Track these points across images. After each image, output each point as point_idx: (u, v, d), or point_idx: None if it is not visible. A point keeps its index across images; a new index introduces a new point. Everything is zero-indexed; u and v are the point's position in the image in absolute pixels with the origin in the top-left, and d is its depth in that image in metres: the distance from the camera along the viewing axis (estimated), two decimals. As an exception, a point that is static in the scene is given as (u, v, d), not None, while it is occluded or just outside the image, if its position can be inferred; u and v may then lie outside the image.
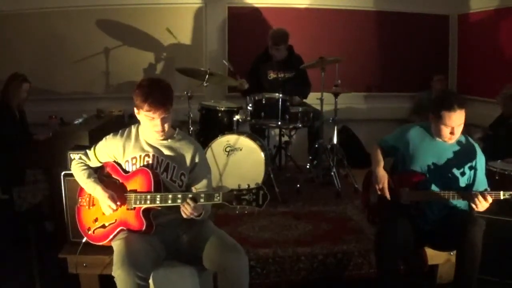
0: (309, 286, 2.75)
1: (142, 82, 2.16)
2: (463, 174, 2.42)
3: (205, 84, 3.85)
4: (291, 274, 2.73)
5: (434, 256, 2.59)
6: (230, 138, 3.61)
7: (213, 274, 2.24)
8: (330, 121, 4.04)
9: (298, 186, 3.92)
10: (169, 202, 2.04)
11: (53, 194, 3.16)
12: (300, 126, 3.84)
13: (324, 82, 3.92)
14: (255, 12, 4.90)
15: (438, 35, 5.24)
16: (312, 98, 4.25)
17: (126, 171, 2.21)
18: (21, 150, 3.47)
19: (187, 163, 2.21)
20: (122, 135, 2.25)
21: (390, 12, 5.09)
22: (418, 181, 2.46)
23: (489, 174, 2.64)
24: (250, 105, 3.72)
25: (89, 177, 2.20)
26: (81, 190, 2.28)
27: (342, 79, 4.05)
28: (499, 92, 3.81)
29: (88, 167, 2.26)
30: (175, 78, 4.20)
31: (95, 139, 2.35)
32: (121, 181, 2.19)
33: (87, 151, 2.30)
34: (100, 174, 2.25)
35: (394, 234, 2.32)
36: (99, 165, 2.28)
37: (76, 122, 3.64)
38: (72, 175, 2.29)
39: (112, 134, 2.27)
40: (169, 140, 2.22)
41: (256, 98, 3.71)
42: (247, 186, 1.95)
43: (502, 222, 2.62)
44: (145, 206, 2.09)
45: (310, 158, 4.15)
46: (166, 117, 2.13)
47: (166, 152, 2.20)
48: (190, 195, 2.01)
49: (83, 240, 2.27)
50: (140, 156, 2.19)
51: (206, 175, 2.27)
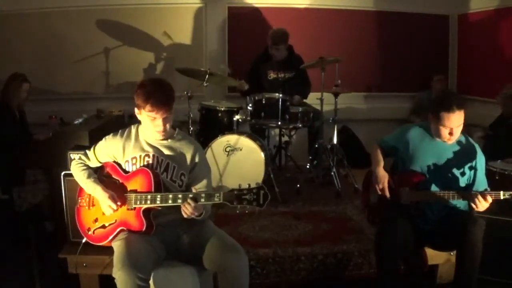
0: (309, 286, 2.75)
1: (144, 82, 2.16)
2: (463, 174, 2.42)
3: (205, 84, 3.85)
4: (291, 274, 2.73)
5: (434, 256, 2.59)
6: (230, 138, 3.61)
7: (213, 274, 2.24)
8: (330, 121, 4.04)
9: (298, 186, 3.92)
10: (169, 202, 2.04)
11: (53, 194, 3.16)
12: (300, 126, 3.84)
13: (324, 82, 3.92)
14: (255, 12, 4.90)
15: (438, 35, 5.24)
16: (312, 98, 4.25)
17: (126, 171, 2.20)
18: (21, 150, 3.47)
19: (187, 163, 2.21)
20: (122, 135, 2.24)
21: (390, 12, 5.09)
22: (418, 181, 2.46)
23: (489, 174, 2.64)
24: (250, 105, 3.72)
25: (89, 177, 2.20)
26: (80, 190, 2.28)
27: (342, 79, 4.05)
28: (499, 92, 3.81)
29: (87, 167, 2.26)
30: (175, 78, 4.20)
31: (95, 139, 2.34)
32: (121, 181, 2.19)
33: (87, 152, 2.29)
34: (100, 174, 2.25)
35: (394, 234, 2.32)
36: (99, 165, 2.28)
37: (76, 122, 3.64)
38: (72, 175, 2.28)
39: (112, 134, 2.27)
40: (169, 140, 2.22)
41: (256, 98, 3.71)
42: (248, 186, 1.95)
43: (502, 222, 2.62)
44: (145, 206, 2.08)
45: (310, 158, 4.15)
46: (167, 117, 2.13)
47: (166, 152, 2.20)
48: (191, 195, 2.01)
49: (83, 240, 2.26)
50: (140, 156, 2.19)
51: (206, 175, 2.27)
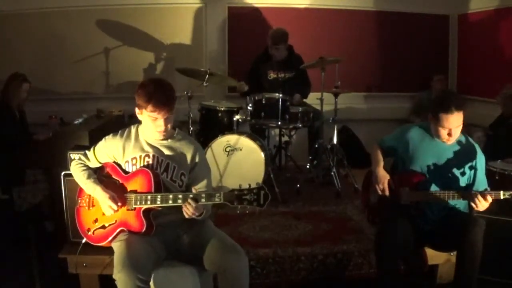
0: (309, 286, 2.75)
1: (145, 82, 2.15)
2: (463, 174, 2.42)
3: (205, 84, 3.84)
4: (291, 274, 2.73)
5: (434, 256, 2.59)
6: (230, 138, 3.61)
7: (213, 275, 2.24)
8: (330, 121, 4.04)
9: (298, 186, 3.92)
10: (169, 202, 2.04)
11: (53, 194, 3.16)
12: (300, 126, 3.84)
13: (324, 82, 3.91)
14: (255, 12, 4.89)
15: (438, 35, 5.24)
16: (312, 98, 4.25)
17: (126, 172, 2.20)
18: (21, 150, 3.47)
19: (187, 163, 2.21)
20: (121, 136, 2.24)
21: (390, 12, 5.09)
22: (418, 181, 2.46)
23: (489, 174, 2.64)
24: (250, 105, 3.72)
25: (88, 177, 2.20)
26: (80, 191, 2.28)
27: (342, 79, 4.05)
28: (499, 92, 3.81)
29: (87, 168, 2.25)
30: (175, 78, 4.19)
31: (95, 139, 2.34)
32: (121, 181, 2.18)
33: (87, 152, 2.29)
34: (99, 175, 2.25)
35: (394, 234, 2.32)
36: (99, 165, 2.28)
37: (76, 122, 3.63)
38: (72, 175, 2.28)
39: (111, 134, 2.27)
40: (169, 140, 2.22)
41: (256, 98, 3.71)
42: (248, 186, 1.95)
43: (502, 222, 2.62)
44: (145, 207, 2.08)
45: (310, 158, 4.15)
46: (169, 117, 2.13)
47: (166, 152, 2.20)
48: (191, 195, 2.01)
49: (83, 240, 2.26)
50: (140, 156, 2.19)
51: (206, 175, 2.27)
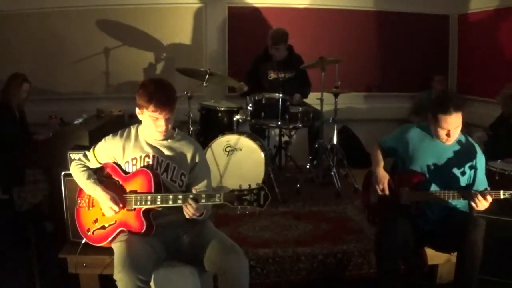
0: (309, 286, 2.75)
1: (146, 82, 2.15)
2: (464, 173, 2.42)
3: (205, 84, 3.84)
4: (291, 274, 2.73)
5: (434, 256, 2.59)
6: (230, 138, 3.60)
7: (213, 276, 2.24)
8: (330, 121, 4.04)
9: (298, 186, 3.92)
10: (169, 202, 2.04)
11: (53, 194, 3.16)
12: (300, 126, 3.84)
13: (324, 82, 3.91)
14: (255, 12, 4.89)
15: (438, 35, 5.24)
16: (312, 98, 4.26)
17: (126, 172, 2.20)
18: (21, 150, 3.47)
19: (187, 163, 2.21)
20: (121, 136, 2.24)
21: (390, 12, 5.09)
22: (418, 181, 2.46)
23: (489, 174, 2.64)
24: (250, 105, 3.72)
25: (88, 178, 2.20)
26: (80, 191, 2.28)
27: (342, 79, 4.05)
28: (499, 92, 3.81)
29: (87, 168, 2.25)
30: (175, 78, 4.19)
31: (95, 139, 2.34)
32: (121, 182, 2.18)
33: (86, 153, 2.29)
34: (99, 175, 2.25)
35: (394, 234, 2.32)
36: (99, 166, 2.27)
37: (76, 122, 3.64)
38: (72, 175, 2.28)
39: (111, 135, 2.27)
40: (169, 140, 2.22)
41: (256, 98, 3.71)
42: (248, 186, 1.95)
43: (502, 222, 2.62)
44: (145, 207, 2.08)
45: (310, 158, 4.15)
46: (170, 117, 2.13)
47: (166, 152, 2.20)
48: (191, 196, 2.00)
49: (83, 240, 2.26)
50: (140, 156, 2.19)
51: (206, 175, 2.27)
